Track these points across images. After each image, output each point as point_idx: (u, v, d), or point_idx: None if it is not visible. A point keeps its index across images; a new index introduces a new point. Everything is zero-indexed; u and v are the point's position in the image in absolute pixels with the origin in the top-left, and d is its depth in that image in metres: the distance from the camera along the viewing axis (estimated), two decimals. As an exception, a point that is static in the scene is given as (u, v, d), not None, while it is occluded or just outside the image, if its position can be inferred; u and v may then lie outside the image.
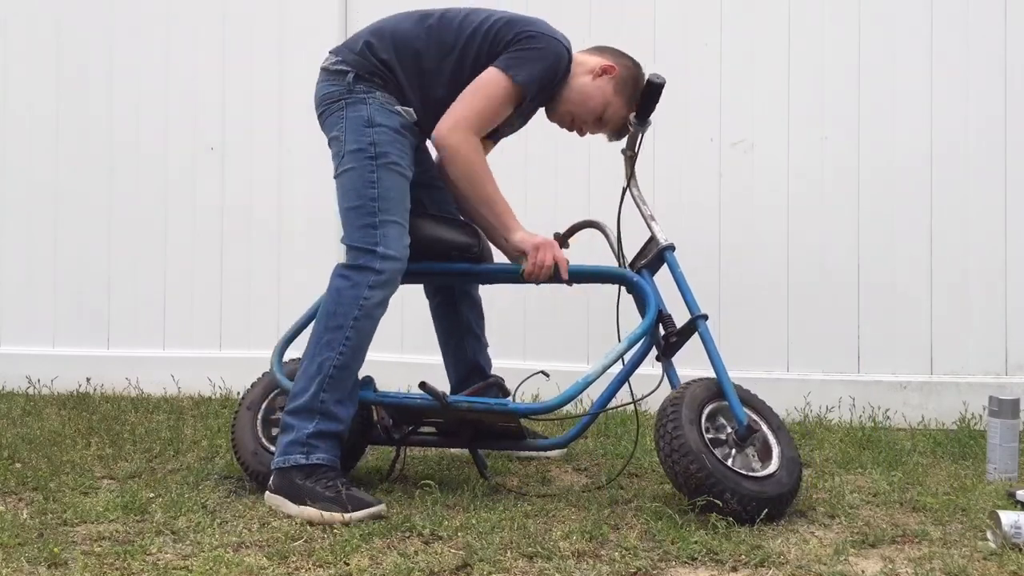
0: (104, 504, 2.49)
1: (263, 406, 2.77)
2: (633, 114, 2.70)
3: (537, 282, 2.68)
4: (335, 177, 2.67)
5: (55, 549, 2.14)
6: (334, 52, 2.74)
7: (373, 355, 3.91)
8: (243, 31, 4.25)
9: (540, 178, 3.92)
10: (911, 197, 3.66)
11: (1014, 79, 3.60)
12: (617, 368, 2.63)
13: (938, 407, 3.59)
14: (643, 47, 3.82)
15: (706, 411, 2.48)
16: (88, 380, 4.21)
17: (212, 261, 4.25)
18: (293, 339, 2.80)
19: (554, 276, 2.65)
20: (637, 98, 2.72)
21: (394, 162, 2.61)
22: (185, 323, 4.26)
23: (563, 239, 2.86)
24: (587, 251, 3.11)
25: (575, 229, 2.89)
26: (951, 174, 3.64)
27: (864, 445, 3.21)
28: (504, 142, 2.95)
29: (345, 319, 2.53)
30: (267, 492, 2.52)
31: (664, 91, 2.70)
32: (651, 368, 2.69)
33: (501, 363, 3.11)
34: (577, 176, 3.89)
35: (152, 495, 2.59)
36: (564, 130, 2.83)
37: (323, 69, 2.73)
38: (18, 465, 2.92)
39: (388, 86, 2.66)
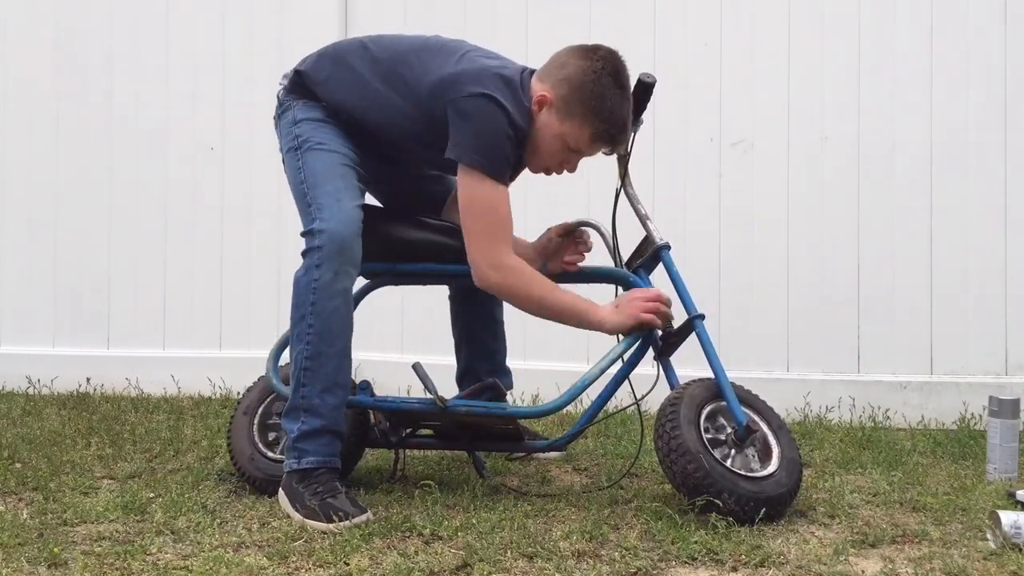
0: (104, 504, 2.49)
1: (259, 410, 2.76)
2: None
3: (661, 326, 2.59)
4: None
5: (55, 549, 2.14)
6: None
7: (373, 355, 3.98)
8: (243, 31, 4.25)
9: (539, 176, 3.92)
10: (911, 197, 3.66)
11: (1014, 78, 3.60)
12: (615, 369, 2.63)
13: (938, 407, 3.59)
14: (643, 47, 3.83)
15: (705, 411, 2.47)
16: (88, 380, 4.21)
17: (212, 261, 4.25)
18: (287, 343, 2.79)
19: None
20: (600, 103, 2.48)
21: (317, 143, 2.60)
22: (185, 323, 4.26)
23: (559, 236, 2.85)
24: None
25: (570, 228, 2.89)
26: (951, 174, 3.64)
27: (864, 445, 3.21)
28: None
29: (304, 307, 2.49)
30: (279, 491, 2.52)
31: (656, 89, 2.66)
32: (651, 368, 2.69)
33: (501, 363, 3.11)
34: (576, 175, 3.88)
35: (152, 495, 2.59)
36: None
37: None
38: (18, 465, 2.92)
39: (304, 90, 2.67)
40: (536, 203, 3.85)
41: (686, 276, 2.67)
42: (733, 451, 2.47)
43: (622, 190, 2.71)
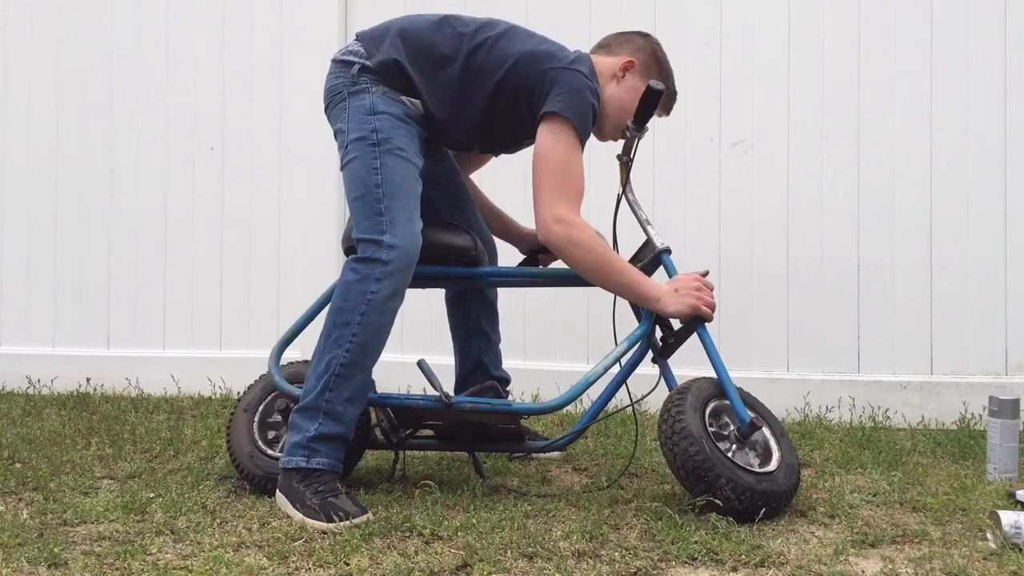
0: (104, 504, 2.49)
1: (260, 408, 2.76)
2: (630, 120, 2.65)
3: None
4: (341, 169, 2.62)
5: (55, 549, 2.14)
6: (356, 39, 2.71)
7: (373, 355, 3.97)
8: (243, 31, 4.25)
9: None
10: (911, 197, 3.66)
11: (1014, 78, 3.60)
12: (615, 370, 2.64)
13: (938, 407, 3.59)
14: (643, 47, 3.83)
15: (710, 406, 2.50)
16: (88, 380, 4.21)
17: (212, 261, 4.25)
18: (291, 340, 2.78)
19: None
20: (670, 68, 2.75)
21: (399, 147, 2.56)
22: (185, 323, 4.26)
23: None
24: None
25: None
26: (951, 174, 3.64)
27: (864, 445, 3.22)
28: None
29: (352, 314, 2.47)
30: (277, 491, 2.51)
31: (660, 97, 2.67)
32: (651, 369, 2.69)
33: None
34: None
35: (152, 495, 2.59)
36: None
37: (333, 60, 2.69)
38: (18, 465, 2.92)
39: (394, 80, 2.61)
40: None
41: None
42: (735, 447, 2.48)
43: (623, 196, 2.71)
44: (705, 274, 2.62)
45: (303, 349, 2.87)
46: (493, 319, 3.02)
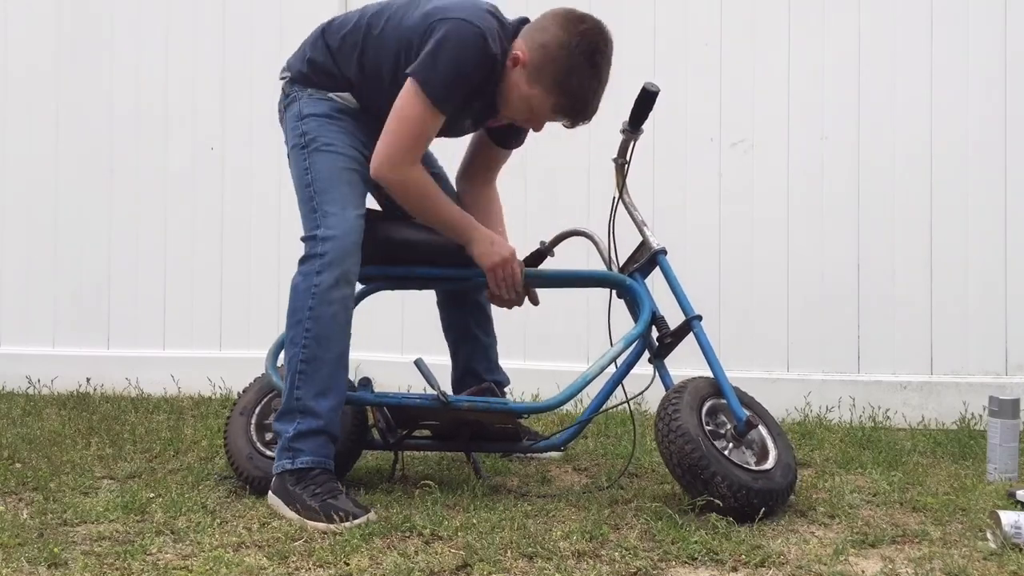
0: (104, 504, 2.49)
1: (256, 410, 2.75)
2: (625, 120, 2.63)
3: (506, 307, 2.67)
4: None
5: (55, 549, 2.14)
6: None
7: (373, 355, 3.97)
8: (243, 30, 4.25)
9: (541, 181, 3.92)
10: (911, 197, 3.66)
11: (1014, 79, 3.60)
12: (612, 370, 2.64)
13: (938, 407, 3.59)
14: (643, 47, 3.84)
15: (707, 405, 2.50)
16: (88, 380, 4.21)
17: (212, 261, 4.25)
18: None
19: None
20: (567, 78, 2.47)
21: (325, 143, 2.58)
22: (185, 323, 4.26)
23: (548, 248, 2.85)
24: (584, 256, 3.12)
25: (561, 238, 2.88)
26: (951, 174, 3.64)
27: (864, 445, 3.21)
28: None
29: (301, 312, 2.49)
30: (269, 493, 2.52)
31: (659, 98, 2.66)
32: (648, 369, 2.69)
33: (501, 363, 3.10)
34: (578, 176, 3.89)
35: (152, 495, 2.59)
36: (553, 128, 2.75)
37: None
38: (18, 465, 2.92)
39: (319, 80, 2.65)
40: (536, 203, 3.86)
41: (686, 276, 2.68)
42: (731, 445, 2.49)
43: (619, 198, 2.71)
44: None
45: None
46: (484, 321, 2.99)
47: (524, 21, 2.61)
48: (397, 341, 4.02)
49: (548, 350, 3.87)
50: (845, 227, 3.70)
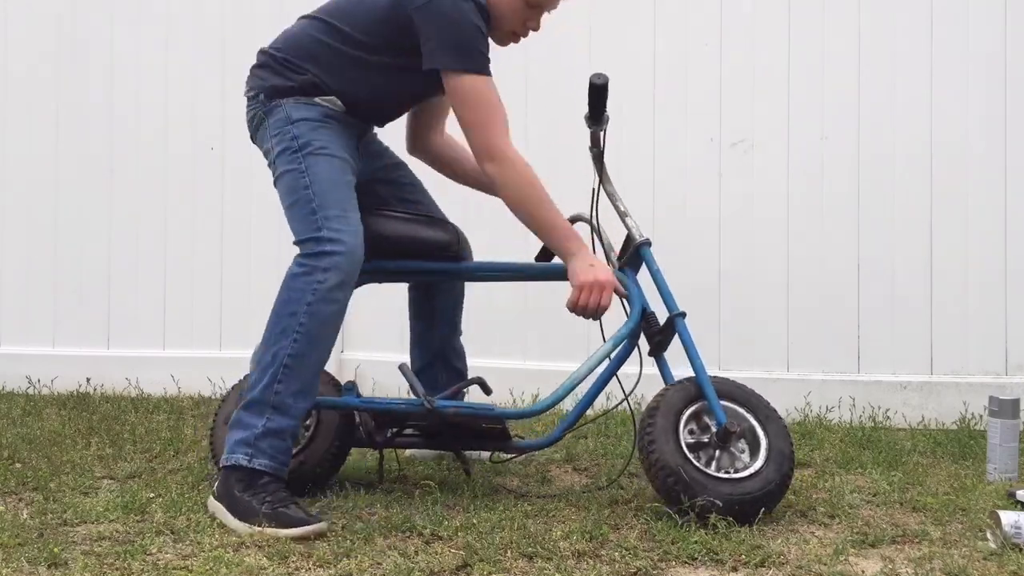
0: (104, 504, 2.49)
1: None
2: (585, 115, 2.64)
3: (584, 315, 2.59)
4: (274, 185, 2.63)
5: (55, 549, 2.14)
6: (246, 81, 2.71)
7: (373, 355, 3.97)
8: (243, 30, 4.24)
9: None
10: (911, 197, 3.66)
11: (1014, 78, 3.60)
12: (599, 370, 2.62)
13: (938, 407, 3.59)
14: (643, 47, 3.84)
15: (685, 415, 2.46)
16: (88, 380, 4.20)
17: (212, 261, 4.25)
18: None
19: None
20: None
21: (320, 147, 2.55)
22: (185, 323, 4.25)
23: None
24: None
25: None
26: (951, 174, 3.64)
27: (864, 445, 3.21)
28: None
29: (298, 304, 2.42)
30: (210, 498, 2.43)
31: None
32: (651, 368, 2.69)
33: (501, 363, 3.11)
34: (577, 173, 3.89)
35: (152, 495, 2.59)
36: (562, 119, 2.73)
37: (245, 96, 2.70)
38: (18, 465, 2.92)
39: (303, 87, 2.60)
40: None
41: (686, 276, 2.67)
42: (717, 452, 2.46)
43: (601, 188, 2.70)
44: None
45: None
46: (459, 312, 2.94)
47: None
48: (397, 341, 4.01)
49: (548, 350, 3.87)
50: (845, 227, 3.70)
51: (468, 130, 2.54)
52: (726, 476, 2.39)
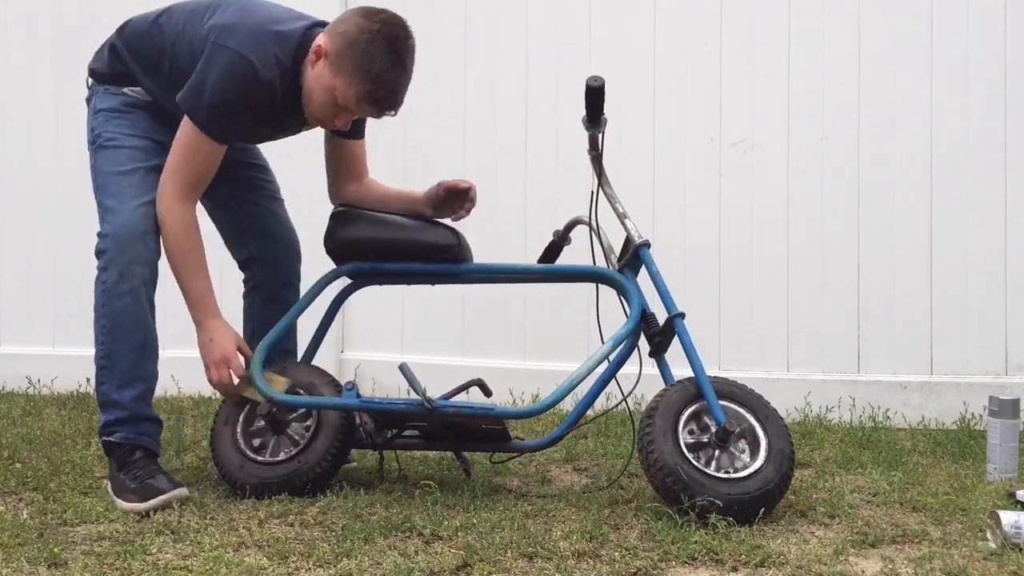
0: (104, 504, 2.49)
1: (240, 419, 2.73)
2: (583, 118, 2.61)
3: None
4: None
5: (55, 549, 2.14)
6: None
7: (373, 355, 3.97)
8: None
9: (540, 177, 3.92)
10: (911, 197, 3.66)
11: (1014, 78, 3.61)
12: (603, 367, 2.63)
13: (938, 407, 3.59)
14: (643, 47, 3.84)
15: (684, 416, 2.47)
16: (88, 380, 4.19)
17: (211, 261, 4.22)
18: (275, 345, 2.77)
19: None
20: (369, 64, 2.43)
21: (108, 139, 2.64)
22: (185, 323, 4.22)
23: (563, 236, 2.84)
24: (583, 251, 3.11)
25: (570, 227, 2.87)
26: (951, 174, 3.64)
27: (864, 445, 3.22)
28: (504, 136, 2.91)
29: (97, 311, 2.59)
30: (106, 481, 2.62)
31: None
32: (651, 368, 2.69)
33: (501, 363, 3.11)
34: (579, 175, 3.89)
35: (152, 495, 2.59)
36: (562, 119, 2.71)
37: None
38: (18, 465, 2.92)
39: (114, 77, 2.69)
40: (536, 199, 3.85)
41: (686, 276, 2.67)
42: (717, 452, 2.46)
43: (600, 190, 2.70)
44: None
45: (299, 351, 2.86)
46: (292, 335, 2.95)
47: (321, 25, 2.58)
48: (396, 341, 4.02)
49: (548, 350, 3.87)
50: (845, 227, 3.70)
51: (167, 170, 2.57)
52: (726, 476, 2.39)
